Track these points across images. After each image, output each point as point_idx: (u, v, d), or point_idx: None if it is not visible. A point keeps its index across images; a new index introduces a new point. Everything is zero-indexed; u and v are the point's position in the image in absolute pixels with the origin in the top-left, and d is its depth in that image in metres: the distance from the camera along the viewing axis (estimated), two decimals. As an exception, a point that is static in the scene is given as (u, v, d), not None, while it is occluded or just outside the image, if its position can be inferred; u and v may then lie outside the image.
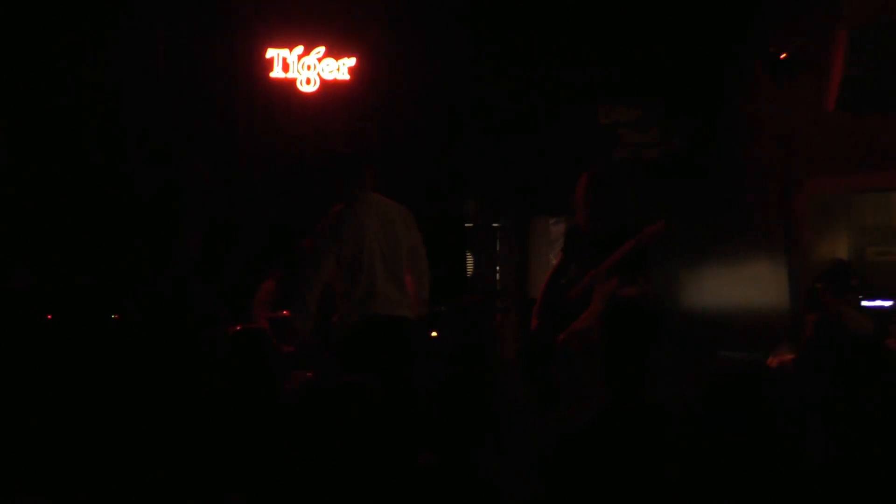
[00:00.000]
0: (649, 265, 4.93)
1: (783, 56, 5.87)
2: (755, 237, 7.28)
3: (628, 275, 4.83)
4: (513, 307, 8.08)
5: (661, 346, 3.45)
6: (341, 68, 8.07)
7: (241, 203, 7.88)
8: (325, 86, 8.06)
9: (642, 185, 6.81)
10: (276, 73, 8.01)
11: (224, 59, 8.01)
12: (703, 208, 7.41)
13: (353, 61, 8.08)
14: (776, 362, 5.26)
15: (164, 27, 7.84)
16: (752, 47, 7.21)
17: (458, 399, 3.00)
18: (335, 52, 8.07)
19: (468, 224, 8.49)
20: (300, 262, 5.26)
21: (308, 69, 8.04)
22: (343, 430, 2.71)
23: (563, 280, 5.11)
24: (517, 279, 8.32)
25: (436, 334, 6.77)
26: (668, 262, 6.48)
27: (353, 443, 2.70)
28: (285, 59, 8.02)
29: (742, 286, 7.19)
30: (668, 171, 7.77)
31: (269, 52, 8.01)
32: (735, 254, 7.30)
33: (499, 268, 8.58)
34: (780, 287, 7.00)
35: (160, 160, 7.70)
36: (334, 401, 2.77)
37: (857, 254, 7.30)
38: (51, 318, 6.58)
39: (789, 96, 6.49)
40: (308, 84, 8.05)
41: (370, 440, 2.72)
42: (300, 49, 8.04)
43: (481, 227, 8.57)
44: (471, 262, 8.53)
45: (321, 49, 8.06)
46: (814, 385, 3.63)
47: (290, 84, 8.03)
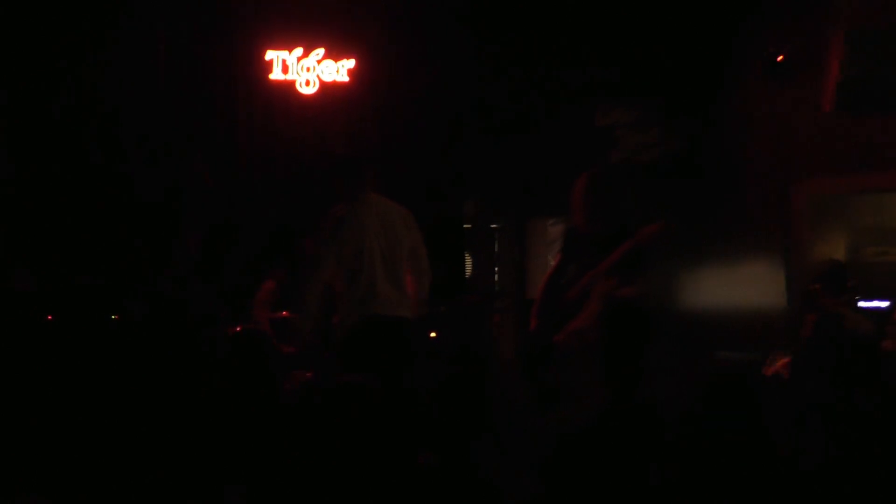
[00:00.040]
0: (647, 266, 4.93)
1: (780, 58, 5.90)
2: (753, 238, 7.29)
3: (626, 275, 4.84)
4: (511, 308, 8.08)
5: (658, 347, 3.46)
6: (340, 70, 8.06)
7: (241, 203, 7.88)
8: (325, 87, 8.05)
9: (640, 186, 6.82)
10: (276, 74, 8.00)
11: (224, 61, 7.99)
12: (700, 209, 7.41)
13: (352, 63, 8.07)
14: (771, 371, 5.26)
15: (163, 29, 7.83)
16: (749, 49, 7.21)
17: (457, 399, 3.01)
18: (334, 54, 8.06)
19: (467, 225, 8.49)
20: (301, 263, 5.28)
21: (307, 71, 8.03)
22: (343, 430, 2.72)
23: (561, 281, 5.13)
24: (515, 280, 8.30)
25: (435, 335, 6.79)
26: (666, 263, 6.47)
27: (353, 443, 2.72)
28: (285, 60, 8.01)
29: (740, 286, 7.19)
30: (667, 172, 7.77)
31: (269, 54, 7.99)
32: (733, 254, 7.29)
33: (497, 268, 8.57)
34: (777, 287, 7.00)
35: (160, 161, 7.71)
36: (334, 401, 2.79)
37: (855, 254, 7.31)
38: (51, 318, 6.57)
39: (787, 97, 6.50)
40: (307, 86, 8.04)
41: (370, 440, 2.73)
42: (300, 51, 8.02)
43: (480, 228, 8.56)
44: (469, 262, 8.53)
45: (320, 51, 8.05)
46: (812, 384, 3.64)
47: (290, 86, 8.01)
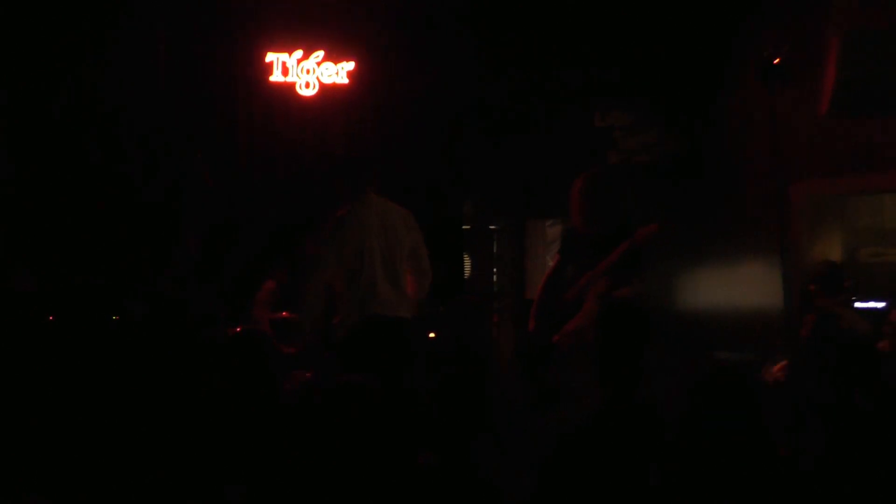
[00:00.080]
0: (645, 266, 4.96)
1: (776, 61, 5.92)
2: (750, 239, 7.30)
3: (623, 276, 4.86)
4: (510, 308, 8.09)
5: (656, 347, 3.48)
6: (340, 72, 8.07)
7: (241, 203, 7.89)
8: (324, 89, 8.06)
9: (639, 187, 6.85)
10: (276, 76, 8.01)
11: (224, 63, 8.01)
12: (699, 209, 7.43)
13: (351, 65, 8.08)
14: (771, 378, 5.27)
15: (164, 31, 7.83)
16: (748, 49, 7.22)
17: (456, 399, 3.02)
18: (334, 56, 8.07)
19: (465, 226, 8.50)
20: (304, 264, 5.30)
21: (307, 73, 8.04)
22: (343, 430, 2.72)
23: (560, 281, 5.14)
24: (514, 281, 8.31)
25: (434, 335, 6.81)
26: (664, 264, 6.50)
27: (353, 443, 2.71)
28: (284, 63, 8.02)
29: (737, 287, 7.20)
30: (664, 174, 7.80)
31: (269, 56, 8.00)
32: (730, 255, 7.31)
33: (495, 269, 8.57)
34: (774, 288, 7.01)
35: (160, 161, 7.72)
36: (334, 401, 2.79)
37: (851, 255, 7.32)
38: (52, 319, 6.58)
39: (783, 100, 6.50)
40: (307, 88, 8.05)
41: (370, 440, 2.73)
42: (299, 53, 8.04)
43: (478, 229, 8.57)
44: (468, 263, 8.54)
45: (320, 53, 8.06)
46: (811, 384, 3.65)
47: (290, 88, 8.03)
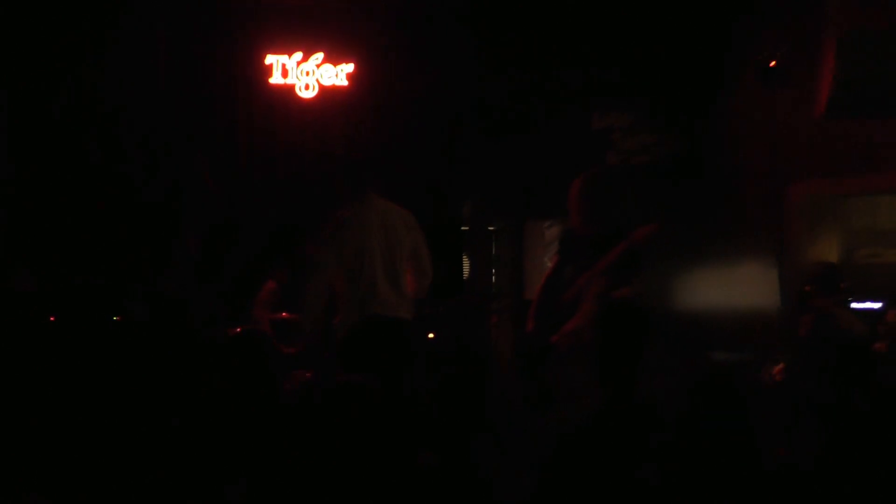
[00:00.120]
0: (642, 266, 4.98)
1: (772, 63, 5.95)
2: (747, 239, 7.32)
3: (620, 276, 4.88)
4: (509, 309, 8.10)
5: (654, 347, 3.50)
6: (339, 74, 8.09)
7: (241, 203, 7.91)
8: (324, 91, 8.08)
9: (637, 188, 6.87)
10: (276, 78, 8.03)
11: (224, 65, 8.03)
12: (697, 210, 7.45)
13: (350, 67, 8.11)
14: (771, 380, 5.29)
15: (164, 31, 7.85)
16: (744, 52, 7.25)
17: (456, 399, 3.05)
18: (333, 58, 8.09)
19: (464, 227, 8.51)
20: (305, 265, 5.32)
21: (307, 75, 8.06)
22: (343, 430, 2.74)
23: (558, 282, 5.16)
24: (512, 281, 8.33)
25: (434, 335, 6.83)
26: (662, 264, 6.52)
27: (353, 443, 2.73)
28: (284, 64, 8.04)
29: (735, 288, 7.22)
30: (662, 175, 7.82)
31: (269, 59, 8.02)
32: (728, 256, 7.33)
33: (494, 270, 8.58)
34: (771, 289, 7.03)
35: (160, 161, 7.74)
36: (334, 401, 2.81)
37: (847, 256, 7.34)
38: (54, 319, 6.60)
39: (780, 102, 6.54)
40: (307, 90, 8.07)
41: (370, 440, 2.75)
42: (299, 55, 8.06)
43: (477, 230, 8.58)
44: (467, 264, 8.55)
45: (320, 55, 8.08)
46: (808, 384, 3.68)
47: (290, 90, 8.05)
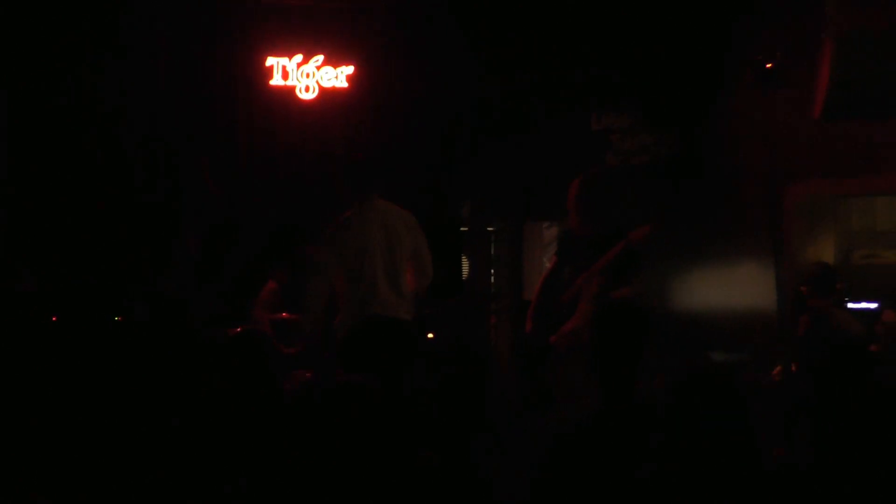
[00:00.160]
0: (641, 267, 4.99)
1: (769, 66, 5.98)
2: (744, 240, 7.34)
3: (617, 276, 4.90)
4: (508, 309, 8.12)
5: (652, 347, 3.52)
6: (339, 76, 8.09)
7: (241, 203, 7.92)
8: (324, 93, 8.08)
9: (636, 189, 6.89)
10: (276, 80, 8.04)
11: (224, 66, 8.03)
12: (695, 211, 7.47)
13: (350, 69, 8.12)
14: (769, 381, 5.31)
15: (164, 32, 7.86)
16: (743, 53, 7.26)
17: (456, 399, 3.06)
18: (333, 60, 8.10)
19: (463, 227, 8.54)
20: (306, 266, 5.34)
21: (307, 77, 8.06)
22: (343, 430, 2.73)
23: (557, 283, 5.18)
24: (511, 282, 8.35)
25: (433, 335, 6.86)
26: (661, 265, 6.54)
27: (353, 443, 2.73)
28: (284, 67, 8.04)
29: (732, 289, 7.24)
30: (662, 175, 7.83)
31: (269, 61, 8.02)
32: (725, 256, 7.35)
33: (493, 271, 8.60)
34: (768, 290, 7.06)
35: (160, 161, 7.76)
36: (334, 401, 2.80)
37: (844, 257, 7.37)
38: (55, 319, 6.62)
39: (777, 103, 6.54)
40: (307, 91, 8.08)
41: (370, 440, 2.74)
42: (299, 57, 8.06)
43: (476, 231, 8.60)
44: (466, 265, 8.57)
45: (320, 57, 8.09)
46: (804, 384, 3.70)
47: (290, 91, 8.05)
